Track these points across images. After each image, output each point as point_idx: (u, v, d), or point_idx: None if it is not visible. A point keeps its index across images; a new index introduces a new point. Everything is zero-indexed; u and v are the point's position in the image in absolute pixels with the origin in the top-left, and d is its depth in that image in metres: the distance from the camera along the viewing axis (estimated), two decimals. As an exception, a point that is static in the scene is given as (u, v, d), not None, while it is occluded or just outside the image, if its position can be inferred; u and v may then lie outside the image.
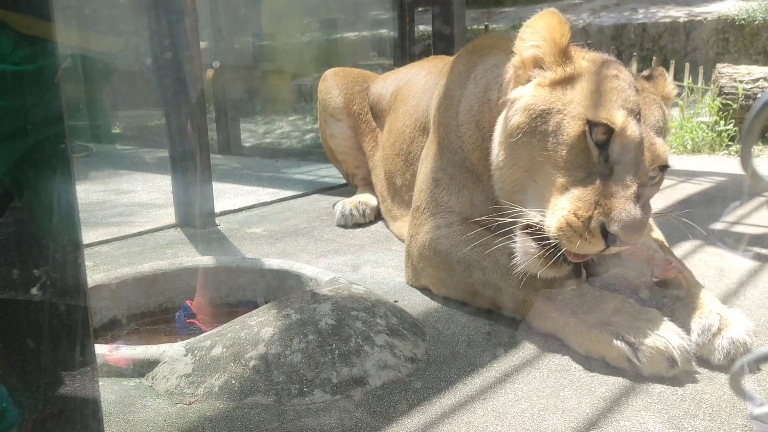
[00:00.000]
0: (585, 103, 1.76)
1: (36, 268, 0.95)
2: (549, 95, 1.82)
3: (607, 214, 1.65)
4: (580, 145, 1.73)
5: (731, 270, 2.42)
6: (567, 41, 1.87)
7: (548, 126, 1.78)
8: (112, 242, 3.01)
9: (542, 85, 1.86)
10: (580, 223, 1.67)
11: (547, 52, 1.87)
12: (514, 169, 1.89)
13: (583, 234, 1.67)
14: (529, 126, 1.82)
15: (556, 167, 1.76)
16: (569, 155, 1.74)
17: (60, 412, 1.00)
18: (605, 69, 1.84)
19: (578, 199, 1.70)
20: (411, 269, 2.32)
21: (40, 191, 0.95)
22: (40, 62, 0.93)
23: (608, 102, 1.75)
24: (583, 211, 1.68)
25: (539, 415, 1.47)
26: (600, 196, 1.67)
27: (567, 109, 1.77)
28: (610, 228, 1.64)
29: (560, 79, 1.84)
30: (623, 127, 1.71)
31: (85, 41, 5.67)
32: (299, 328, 1.70)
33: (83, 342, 1.01)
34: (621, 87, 1.79)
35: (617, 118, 1.71)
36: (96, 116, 6.66)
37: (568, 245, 1.71)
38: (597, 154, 1.72)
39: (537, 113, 1.81)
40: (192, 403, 1.56)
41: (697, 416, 1.45)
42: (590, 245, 1.68)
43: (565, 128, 1.75)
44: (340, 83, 3.48)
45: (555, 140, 1.76)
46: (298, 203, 3.78)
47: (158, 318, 2.27)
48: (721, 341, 1.67)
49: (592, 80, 1.81)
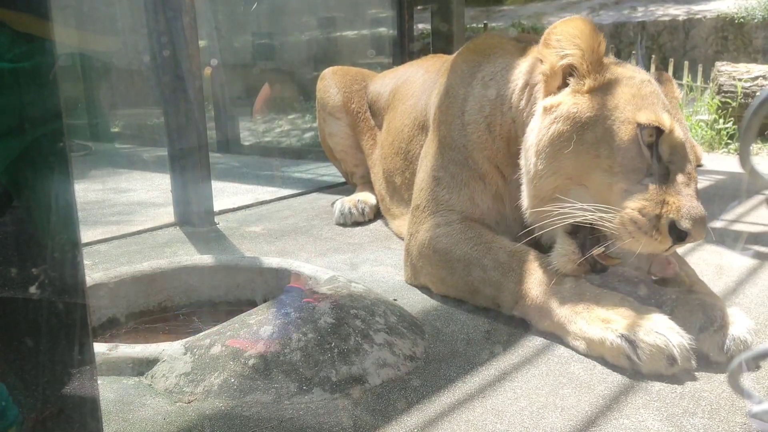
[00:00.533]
0: (631, 108, 1.78)
1: (34, 267, 0.95)
2: (591, 102, 1.83)
3: (678, 211, 1.67)
4: (633, 147, 1.75)
5: (730, 268, 2.42)
6: (604, 51, 1.90)
7: (596, 133, 1.79)
8: (110, 241, 3.00)
9: (581, 92, 1.86)
10: (646, 221, 1.69)
11: (585, 61, 1.88)
12: (556, 176, 1.87)
13: (649, 232, 1.68)
14: (575, 134, 1.81)
15: (608, 172, 1.77)
16: (624, 159, 1.75)
17: (59, 411, 1.00)
18: (638, 74, 1.88)
19: (644, 199, 1.71)
20: (410, 267, 2.32)
21: (38, 190, 0.95)
22: (37, 60, 0.93)
23: (652, 105, 1.78)
24: (651, 209, 1.69)
25: (538, 413, 1.47)
26: (666, 195, 1.70)
27: (614, 114, 1.79)
28: (682, 225, 1.66)
29: (599, 86, 1.85)
30: (672, 128, 1.75)
31: (83, 39, 5.67)
32: (298, 326, 1.70)
33: (82, 341, 1.01)
34: (657, 91, 1.84)
35: (665, 119, 1.75)
36: (95, 115, 6.65)
37: (631, 244, 1.72)
38: (650, 155, 1.75)
39: (582, 121, 1.81)
40: (191, 402, 1.56)
41: (696, 414, 1.45)
42: (657, 243, 1.70)
43: (617, 133, 1.77)
44: (339, 82, 3.48)
45: (608, 145, 1.77)
46: (297, 202, 3.78)
47: (157, 317, 2.27)
48: (720, 339, 1.67)
49: (630, 85, 1.83)
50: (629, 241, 1.72)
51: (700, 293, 1.84)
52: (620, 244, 1.74)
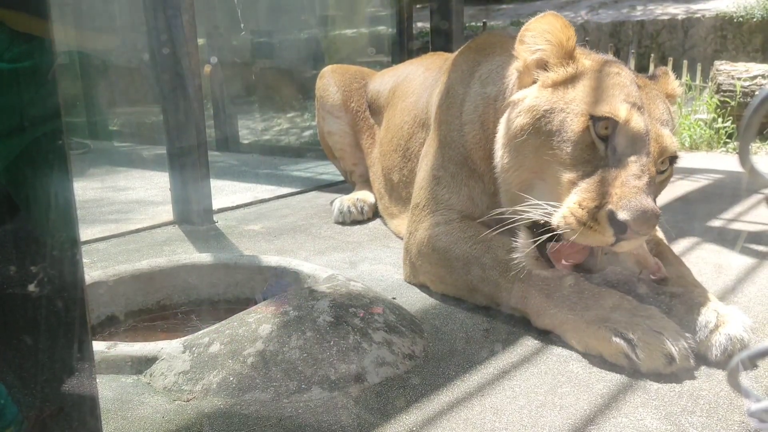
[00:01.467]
0: (587, 100, 1.77)
1: (33, 265, 0.95)
2: (552, 95, 1.84)
3: (617, 203, 1.64)
4: (585, 140, 1.74)
5: (729, 267, 2.42)
6: (573, 44, 1.89)
7: (552, 125, 1.79)
8: (109, 239, 3.00)
9: (545, 86, 1.87)
10: (585, 212, 1.67)
11: (553, 55, 1.89)
12: (521, 170, 1.89)
13: (589, 224, 1.66)
14: (533, 127, 1.83)
15: (562, 165, 1.77)
16: (575, 151, 1.75)
17: (58, 410, 1.00)
18: (606, 67, 1.86)
19: (585, 191, 1.70)
20: (409, 266, 2.32)
21: (37, 188, 0.95)
22: (36, 59, 0.93)
23: (610, 97, 1.76)
24: (589, 202, 1.68)
25: (537, 411, 1.47)
26: (609, 187, 1.67)
27: (570, 107, 1.79)
28: (619, 215, 1.62)
29: (562, 79, 1.86)
30: (627, 119, 1.72)
31: (82, 37, 5.66)
32: (297, 325, 1.70)
33: (81, 339, 1.01)
34: (623, 83, 1.81)
35: (620, 110, 1.72)
36: (93, 113, 6.65)
37: (578, 238, 1.71)
38: (603, 148, 1.73)
39: (540, 113, 1.82)
40: (190, 400, 1.56)
41: (694, 413, 1.45)
42: (597, 235, 1.67)
43: (569, 125, 1.76)
44: (338, 80, 3.48)
45: (560, 138, 1.77)
46: (296, 200, 3.78)
47: (156, 315, 2.27)
48: (718, 338, 1.67)
49: (593, 77, 1.82)
50: (570, 233, 1.70)
51: (698, 292, 1.84)
52: (566, 237, 1.72)
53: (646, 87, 1.88)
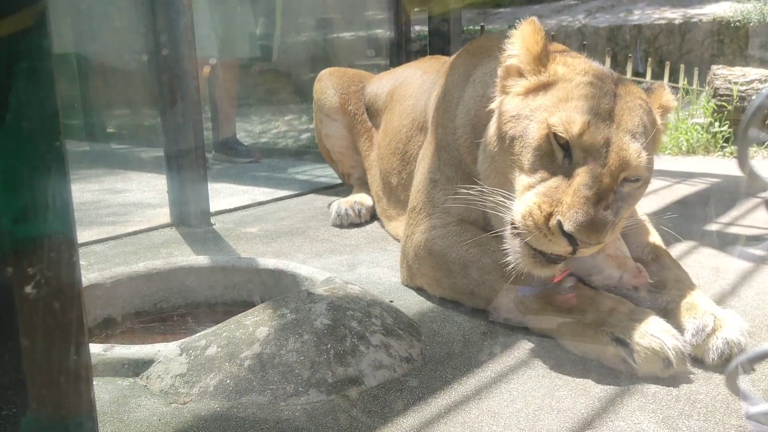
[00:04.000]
0: (550, 109, 1.79)
1: (30, 267, 0.94)
2: (521, 102, 1.86)
3: (564, 212, 1.64)
4: (544, 147, 1.75)
5: (726, 270, 2.42)
6: (540, 49, 1.90)
7: (516, 131, 1.83)
8: (106, 241, 3.00)
9: (517, 93, 1.90)
10: (542, 216, 1.67)
11: (524, 61, 1.91)
12: (495, 175, 1.94)
13: (543, 230, 1.67)
14: (500, 131, 1.87)
15: (522, 170, 1.80)
16: (533, 157, 1.77)
17: (55, 412, 1.00)
18: (579, 76, 1.85)
19: (542, 194, 1.71)
20: (406, 269, 2.32)
21: (34, 189, 0.95)
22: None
23: (571, 108, 1.76)
24: (545, 206, 1.68)
25: (534, 415, 1.47)
26: (561, 194, 1.68)
27: (533, 114, 1.81)
28: (564, 226, 1.63)
29: (533, 87, 1.87)
30: (579, 134, 1.71)
31: (79, 39, 5.65)
32: (294, 327, 1.70)
33: (78, 341, 1.00)
34: (589, 93, 1.79)
35: (575, 122, 1.72)
36: (91, 115, 6.63)
37: (533, 242, 1.71)
38: (561, 156, 1.74)
39: (507, 119, 1.86)
40: (186, 403, 1.55)
41: (691, 416, 1.45)
42: (553, 244, 1.68)
43: (530, 132, 1.79)
44: (336, 83, 3.48)
45: (521, 144, 1.80)
46: (293, 203, 3.78)
47: (153, 317, 2.26)
48: (715, 341, 1.68)
49: (562, 87, 1.83)
50: (532, 239, 1.70)
51: (695, 296, 1.85)
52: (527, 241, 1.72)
53: (626, 96, 1.84)
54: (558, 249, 1.69)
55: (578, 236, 1.62)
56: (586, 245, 1.66)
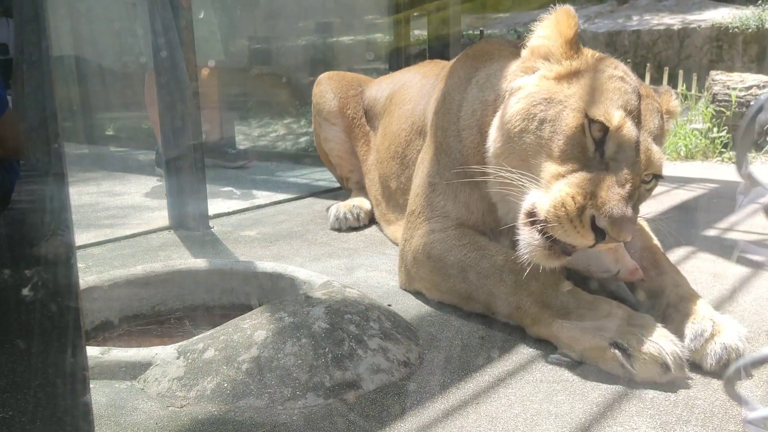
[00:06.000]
0: (586, 98, 1.77)
1: (28, 269, 0.94)
2: (553, 86, 1.84)
3: (599, 207, 1.64)
4: (578, 137, 1.74)
5: (725, 276, 2.42)
6: (573, 33, 1.89)
7: (547, 114, 1.80)
8: (104, 244, 2.99)
9: (548, 77, 1.88)
10: (575, 207, 1.66)
11: (554, 44, 1.90)
12: (511, 156, 1.88)
13: (574, 222, 1.66)
14: (528, 112, 1.83)
15: (550, 156, 1.77)
16: (566, 146, 1.75)
17: (51, 414, 0.99)
18: (612, 69, 1.86)
19: (577, 185, 1.69)
20: (404, 273, 2.31)
21: (32, 191, 0.95)
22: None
23: (608, 100, 1.76)
24: (580, 198, 1.67)
25: (532, 419, 1.47)
26: (597, 189, 1.67)
27: (568, 101, 1.79)
28: (599, 221, 1.63)
29: (566, 73, 1.86)
30: (618, 127, 1.72)
31: (79, 41, 5.65)
32: (292, 331, 1.69)
33: (75, 343, 1.00)
34: (624, 88, 1.81)
35: (614, 117, 1.72)
36: (90, 117, 6.63)
37: (559, 232, 1.70)
38: (593, 149, 1.73)
39: (538, 101, 1.83)
40: (184, 406, 1.55)
41: (689, 422, 1.45)
42: (579, 237, 1.67)
43: (564, 119, 1.76)
44: (335, 87, 3.48)
45: (552, 129, 1.77)
46: (292, 206, 3.78)
47: (151, 320, 2.26)
48: (713, 347, 1.67)
49: (596, 77, 1.83)
50: (557, 227, 1.69)
51: (694, 301, 1.84)
52: (550, 231, 1.71)
53: (648, 98, 1.89)
54: (582, 242, 1.68)
55: (611, 232, 1.62)
56: (613, 241, 1.66)
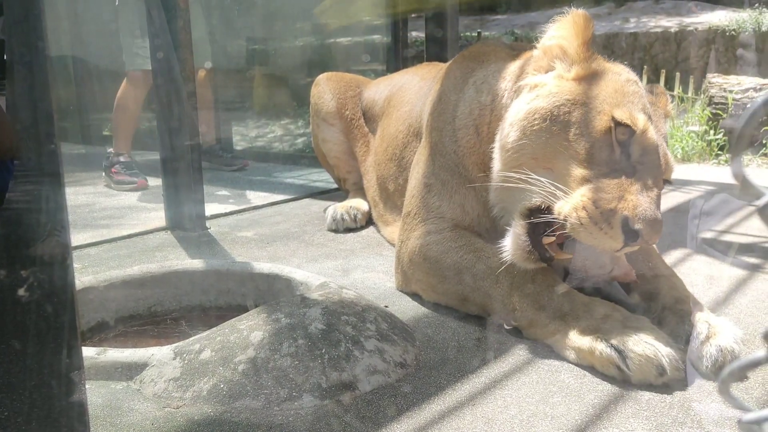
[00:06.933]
0: (610, 101, 1.78)
1: (24, 269, 0.94)
2: (575, 87, 1.84)
3: (633, 209, 1.64)
4: (605, 140, 1.74)
5: (721, 278, 2.43)
6: (590, 34, 1.91)
7: (572, 117, 1.79)
8: (101, 244, 2.99)
9: (566, 78, 1.88)
10: (599, 213, 1.66)
11: (571, 44, 1.90)
12: (521, 153, 1.86)
13: (600, 225, 1.66)
14: (551, 113, 1.81)
15: (575, 159, 1.76)
16: (592, 149, 1.74)
17: (46, 415, 0.99)
18: (626, 73, 1.89)
19: (601, 191, 1.69)
20: (401, 275, 2.31)
21: (28, 191, 0.94)
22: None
23: (630, 104, 1.78)
24: (605, 203, 1.67)
25: (528, 421, 1.47)
26: (626, 193, 1.67)
27: (593, 103, 1.79)
28: (634, 224, 1.63)
29: (585, 74, 1.87)
30: (644, 130, 1.74)
31: (75, 42, 5.63)
32: (289, 332, 1.69)
33: (70, 344, 1.00)
34: (640, 92, 1.84)
35: (639, 120, 1.74)
36: (86, 117, 6.62)
37: (582, 235, 1.70)
38: (619, 152, 1.73)
39: (562, 102, 1.82)
40: (180, 407, 1.55)
41: (685, 424, 1.45)
42: (608, 239, 1.67)
43: (591, 121, 1.76)
44: (333, 88, 3.48)
45: (578, 131, 1.77)
46: (289, 207, 3.78)
47: (147, 321, 2.26)
48: (709, 349, 1.68)
49: (615, 80, 1.84)
50: (580, 231, 1.69)
51: (689, 303, 1.85)
52: (571, 233, 1.71)
53: (654, 104, 1.92)
54: (610, 244, 1.68)
55: (644, 234, 1.63)
56: (644, 243, 1.67)
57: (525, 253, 1.81)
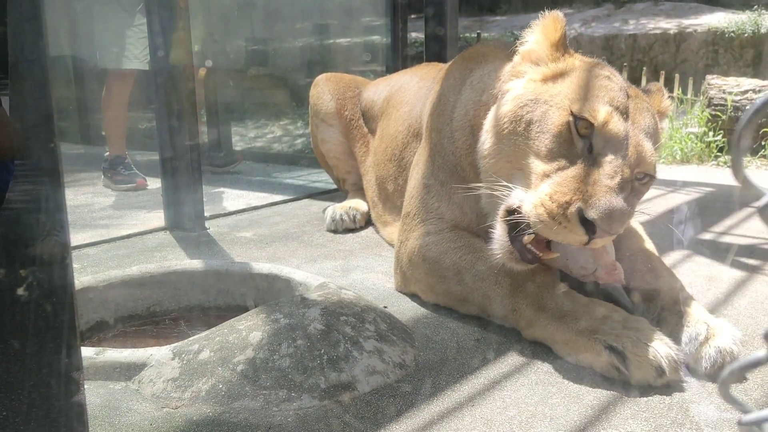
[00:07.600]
0: (571, 96, 1.79)
1: (23, 269, 0.94)
2: (539, 87, 1.87)
3: (586, 200, 1.64)
4: (564, 135, 1.75)
5: (720, 280, 2.43)
6: (559, 36, 1.93)
7: (533, 115, 1.82)
8: (100, 244, 2.99)
9: (534, 80, 1.90)
10: (556, 206, 1.66)
11: (542, 47, 1.93)
12: (498, 158, 1.91)
13: (558, 219, 1.66)
14: (516, 114, 1.85)
15: (538, 156, 1.78)
16: (552, 144, 1.76)
17: (45, 415, 0.99)
18: (597, 69, 1.89)
19: (557, 184, 1.70)
20: (400, 275, 2.31)
21: (28, 191, 0.94)
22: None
23: (593, 97, 1.78)
24: (560, 196, 1.67)
25: (527, 422, 1.47)
26: (582, 184, 1.68)
27: (554, 100, 1.81)
28: (588, 214, 1.63)
29: (551, 74, 1.89)
30: (604, 122, 1.73)
31: (74, 41, 5.62)
32: (288, 332, 1.69)
33: (69, 344, 1.00)
34: (609, 86, 1.83)
35: (599, 113, 1.73)
36: (85, 117, 6.62)
37: (545, 232, 1.71)
38: (581, 145, 1.74)
39: (524, 102, 1.85)
40: (178, 408, 1.55)
41: (684, 425, 1.45)
42: (569, 233, 1.68)
43: (550, 117, 1.78)
44: (332, 88, 3.48)
45: (539, 128, 1.79)
46: (288, 208, 3.78)
47: (146, 321, 2.25)
48: (708, 350, 1.68)
49: (581, 76, 1.85)
50: (542, 227, 1.70)
51: (688, 304, 1.85)
52: (535, 230, 1.73)
53: (636, 98, 1.90)
54: (574, 238, 1.68)
55: (600, 224, 1.62)
56: (605, 234, 1.66)
57: (507, 253, 1.83)
